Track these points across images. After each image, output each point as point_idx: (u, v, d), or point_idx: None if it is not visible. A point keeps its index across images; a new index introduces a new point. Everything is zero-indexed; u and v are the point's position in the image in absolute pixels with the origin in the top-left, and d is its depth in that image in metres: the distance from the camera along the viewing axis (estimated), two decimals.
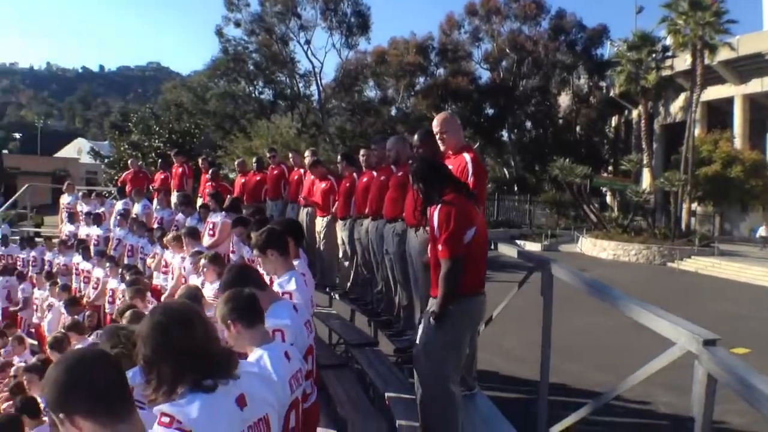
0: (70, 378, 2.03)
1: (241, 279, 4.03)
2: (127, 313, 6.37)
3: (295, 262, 5.13)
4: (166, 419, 2.39)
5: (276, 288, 4.55)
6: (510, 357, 11.95)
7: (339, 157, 10.50)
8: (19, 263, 16.30)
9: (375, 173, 8.62)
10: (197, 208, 12.01)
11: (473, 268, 4.84)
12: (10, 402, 8.31)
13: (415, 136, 6.86)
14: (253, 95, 53.02)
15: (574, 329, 12.97)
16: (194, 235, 9.48)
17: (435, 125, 5.91)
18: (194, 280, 8.18)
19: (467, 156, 5.56)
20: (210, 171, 14.10)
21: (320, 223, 10.48)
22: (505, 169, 50.83)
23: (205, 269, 7.30)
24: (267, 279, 4.70)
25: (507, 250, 7.43)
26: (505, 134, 51.41)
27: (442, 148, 5.85)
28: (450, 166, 5.34)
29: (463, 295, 4.82)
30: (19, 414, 6.73)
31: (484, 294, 5.08)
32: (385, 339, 8.53)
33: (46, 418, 6.51)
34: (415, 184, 5.06)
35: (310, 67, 49.80)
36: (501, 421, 5.68)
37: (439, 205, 4.79)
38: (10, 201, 26.24)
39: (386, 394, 6.55)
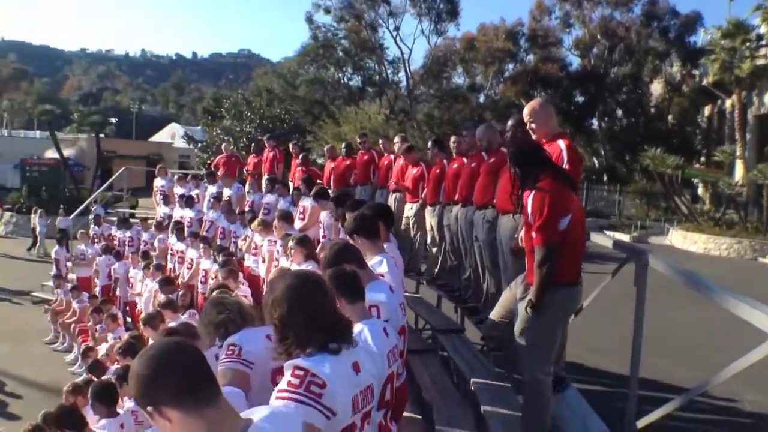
0: (153, 370, 2.05)
1: (342, 256, 4.13)
2: (216, 291, 6.54)
3: (386, 245, 5.19)
4: (301, 372, 2.55)
5: None
6: (594, 349, 11.76)
7: (430, 142, 10.51)
8: (115, 242, 16.85)
9: (465, 160, 8.63)
10: (291, 190, 12.22)
11: (569, 256, 4.75)
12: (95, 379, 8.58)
13: (510, 121, 6.84)
14: (342, 81, 53.20)
15: (661, 322, 12.71)
16: (287, 218, 9.61)
17: (524, 114, 5.84)
18: (284, 263, 8.32)
19: (562, 143, 5.46)
20: (300, 156, 14.29)
21: (410, 208, 10.51)
22: (594, 159, 49.84)
23: (292, 251, 7.41)
24: None
25: (601, 240, 7.33)
26: (595, 122, 50.41)
27: (533, 137, 5.79)
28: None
29: (560, 284, 4.75)
30: (117, 381, 6.95)
31: (581, 284, 5.00)
32: (472, 326, 8.55)
33: None
34: (512, 167, 5.03)
35: (398, 53, 49.63)
36: (589, 412, 5.63)
37: (534, 191, 4.72)
38: (107, 183, 27.07)
39: (472, 380, 6.57)
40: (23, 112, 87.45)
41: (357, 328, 3.38)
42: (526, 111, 5.81)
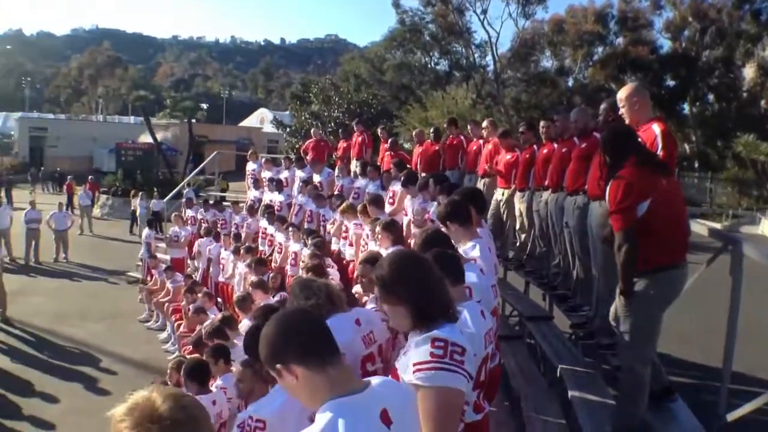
0: (283, 332, 2.30)
1: (432, 242, 4.19)
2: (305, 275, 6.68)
3: (479, 230, 5.21)
4: (441, 343, 2.67)
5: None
6: (682, 339, 11.56)
7: (522, 127, 10.37)
8: (204, 225, 17.27)
9: (556, 145, 8.57)
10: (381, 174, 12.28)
11: (659, 240, 4.63)
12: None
13: (603, 105, 6.79)
14: (429, 66, 53.10)
15: (753, 312, 12.41)
16: (378, 202, 9.66)
17: (617, 98, 5.76)
18: (373, 247, 8.39)
19: (657, 128, 5.36)
20: (389, 140, 14.33)
21: (501, 194, 10.41)
22: (685, 145, 48.62)
23: (379, 235, 7.48)
24: None
25: (696, 228, 7.16)
26: (685, 107, 49.11)
27: (626, 122, 5.72)
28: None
29: (652, 270, 4.67)
30: (209, 359, 7.14)
31: (681, 267, 4.83)
32: (560, 313, 8.50)
33: (233, 368, 6.91)
34: (603, 155, 5.00)
35: (485, 37, 49.20)
36: (680, 406, 5.55)
37: (612, 180, 4.73)
38: (199, 168, 27.70)
39: (559, 367, 6.55)
40: (118, 98, 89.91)
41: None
42: (619, 95, 5.72)
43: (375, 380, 2.38)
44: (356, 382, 2.31)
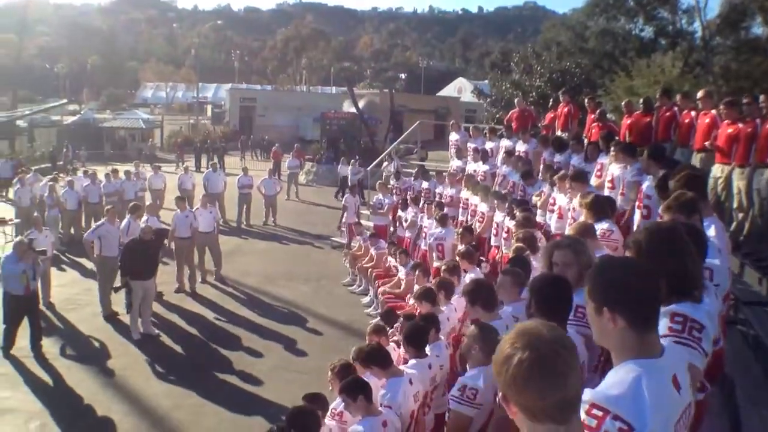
0: (625, 277, 2.34)
1: (692, 207, 4.19)
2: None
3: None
4: (680, 318, 2.75)
5: None
6: None
7: (746, 98, 9.78)
8: (409, 193, 17.57)
9: None
10: (585, 147, 12.03)
11: None
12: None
13: None
14: (633, 33, 51.19)
15: None
16: (581, 177, 9.46)
17: None
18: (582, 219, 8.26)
19: None
20: (597, 111, 13.99)
21: (719, 170, 9.83)
22: None
23: (584, 209, 7.35)
24: None
25: None
26: None
27: None
28: None
29: None
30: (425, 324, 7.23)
31: None
32: None
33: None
34: None
35: (692, 2, 46.78)
36: None
37: None
38: (402, 137, 28.18)
39: None
40: (320, 69, 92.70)
41: None
42: None
43: (666, 345, 2.43)
44: (658, 345, 2.36)
